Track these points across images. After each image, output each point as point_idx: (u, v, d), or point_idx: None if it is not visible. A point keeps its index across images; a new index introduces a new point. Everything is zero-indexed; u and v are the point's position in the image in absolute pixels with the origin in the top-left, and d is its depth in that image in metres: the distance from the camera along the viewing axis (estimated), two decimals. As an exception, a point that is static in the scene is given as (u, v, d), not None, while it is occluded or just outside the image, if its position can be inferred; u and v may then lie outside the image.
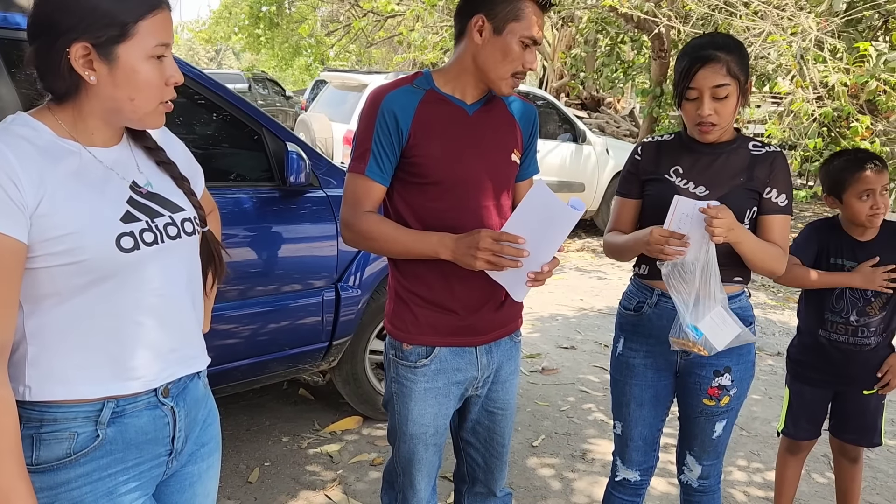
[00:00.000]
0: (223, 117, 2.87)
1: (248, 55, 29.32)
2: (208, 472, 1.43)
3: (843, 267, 2.38)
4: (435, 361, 1.75)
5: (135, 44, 1.16)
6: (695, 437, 2.07)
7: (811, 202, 11.70)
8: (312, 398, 3.75)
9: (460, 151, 1.69)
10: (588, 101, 15.38)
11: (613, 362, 2.14)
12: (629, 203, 2.07)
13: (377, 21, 14.95)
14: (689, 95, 1.85)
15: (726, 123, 1.87)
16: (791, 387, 2.57)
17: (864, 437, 2.50)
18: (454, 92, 1.72)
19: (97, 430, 1.19)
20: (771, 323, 5.56)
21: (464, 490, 2.04)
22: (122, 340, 1.21)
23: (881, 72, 4.89)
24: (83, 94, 1.17)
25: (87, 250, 1.14)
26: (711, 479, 2.12)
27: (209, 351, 1.41)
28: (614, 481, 2.21)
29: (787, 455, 2.63)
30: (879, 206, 2.30)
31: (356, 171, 1.69)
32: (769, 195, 1.91)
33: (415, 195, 1.71)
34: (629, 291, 2.11)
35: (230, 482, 2.88)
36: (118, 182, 1.22)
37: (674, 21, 7.95)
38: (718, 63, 1.80)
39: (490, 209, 1.74)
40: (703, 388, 1.99)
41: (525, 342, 4.82)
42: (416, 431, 1.79)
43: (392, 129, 1.65)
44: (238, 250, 2.74)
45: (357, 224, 1.69)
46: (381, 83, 1.80)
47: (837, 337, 2.40)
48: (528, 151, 1.88)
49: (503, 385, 1.88)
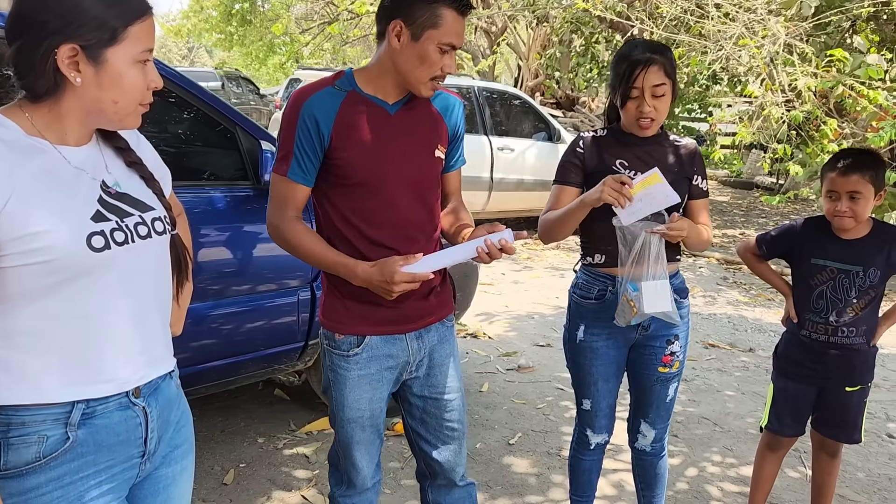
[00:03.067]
0: (197, 115, 2.84)
1: (221, 53, 29.04)
2: (182, 475, 1.41)
3: (826, 268, 2.36)
4: (366, 350, 1.82)
5: (123, 48, 1.16)
6: (650, 405, 2.30)
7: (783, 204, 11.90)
8: (288, 398, 3.72)
9: (383, 152, 1.73)
10: (563, 100, 15.47)
11: (574, 348, 2.29)
12: (570, 190, 2.20)
13: (351, 19, 14.89)
14: (632, 94, 2.05)
15: (663, 119, 2.11)
16: (776, 382, 2.57)
17: (844, 433, 2.51)
18: (376, 92, 1.75)
19: (67, 432, 1.17)
20: (743, 319, 5.64)
21: (426, 486, 2.08)
22: (92, 342, 1.19)
23: (847, 77, 4.97)
24: (63, 95, 1.16)
25: (57, 249, 1.12)
26: (661, 443, 2.38)
27: (183, 352, 1.40)
28: (587, 449, 2.39)
29: (766, 451, 2.64)
30: (844, 209, 2.26)
31: (280, 172, 1.75)
32: (696, 182, 2.21)
33: (340, 196, 1.76)
34: (584, 282, 2.25)
35: (205, 484, 2.85)
36: (88, 181, 1.21)
37: (647, 23, 8.01)
38: (656, 65, 2.02)
39: (416, 207, 1.81)
40: (658, 358, 2.23)
41: (501, 340, 4.84)
42: (352, 416, 1.86)
43: (313, 132, 1.69)
44: (212, 250, 2.71)
45: (283, 230, 1.76)
46: (304, 84, 1.82)
47: (818, 336, 2.40)
48: (455, 143, 1.93)
49: (440, 368, 1.93)
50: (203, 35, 22.25)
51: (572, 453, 2.46)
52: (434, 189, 1.87)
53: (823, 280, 2.38)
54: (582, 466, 2.44)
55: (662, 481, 2.45)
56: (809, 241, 2.42)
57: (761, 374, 4.42)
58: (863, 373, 2.44)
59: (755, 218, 10.81)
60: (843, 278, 2.34)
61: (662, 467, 2.43)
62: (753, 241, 2.60)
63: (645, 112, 2.05)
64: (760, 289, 6.57)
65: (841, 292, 2.35)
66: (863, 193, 2.26)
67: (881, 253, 2.33)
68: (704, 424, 3.65)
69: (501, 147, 7.95)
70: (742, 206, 11.92)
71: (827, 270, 2.36)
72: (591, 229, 2.17)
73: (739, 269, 7.37)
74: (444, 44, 1.66)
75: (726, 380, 4.32)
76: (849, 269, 2.34)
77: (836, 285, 2.35)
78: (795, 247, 2.46)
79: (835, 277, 2.35)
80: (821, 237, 2.40)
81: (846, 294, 2.34)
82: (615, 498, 2.94)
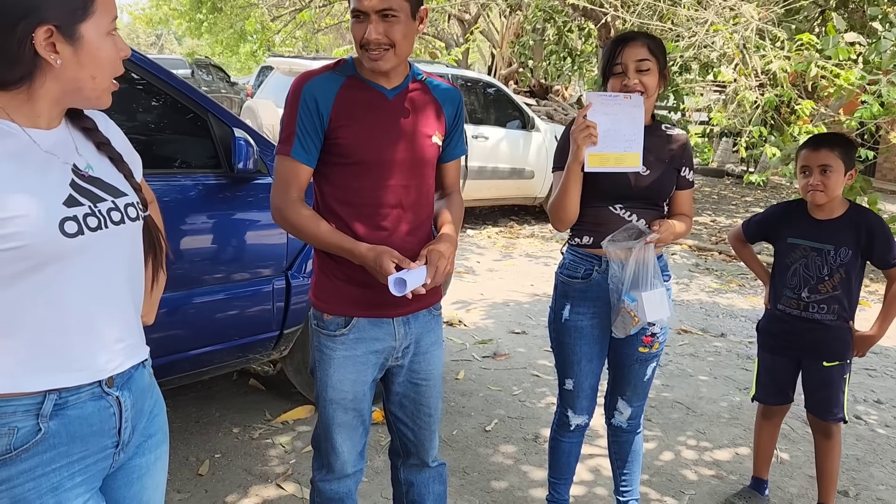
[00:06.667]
0: (167, 102, 2.79)
1: (191, 40, 28.61)
2: (156, 464, 1.40)
3: (799, 246, 2.50)
4: (353, 331, 1.86)
5: (95, 21, 1.15)
6: (628, 383, 2.37)
7: (754, 187, 12.05)
8: (263, 388, 3.70)
9: (379, 133, 1.78)
10: (536, 88, 15.47)
11: (559, 328, 2.32)
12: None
13: (323, 6, 14.76)
14: (615, 70, 2.11)
15: (651, 95, 2.12)
16: (759, 356, 2.73)
17: (827, 411, 2.59)
18: (375, 78, 1.79)
19: (39, 423, 1.15)
20: (715, 305, 5.71)
21: (399, 464, 2.13)
22: (65, 330, 1.16)
23: (820, 58, 5.04)
24: (39, 78, 1.14)
25: (28, 235, 1.09)
26: (637, 420, 2.45)
27: (156, 342, 1.38)
28: (568, 430, 2.43)
29: (762, 420, 2.81)
30: (816, 183, 2.41)
31: (283, 153, 1.78)
32: (684, 173, 2.27)
33: (337, 174, 1.81)
34: (571, 262, 2.29)
35: (180, 475, 2.82)
36: (59, 165, 1.18)
37: (620, 11, 8.04)
38: (639, 42, 2.10)
39: (409, 188, 1.84)
40: (639, 338, 2.27)
41: (477, 328, 4.85)
42: (335, 397, 1.89)
43: (314, 112, 1.74)
44: (185, 239, 2.68)
45: (288, 213, 1.79)
46: (305, 70, 1.88)
47: (791, 311, 2.54)
48: (454, 133, 1.96)
49: (424, 356, 1.97)
50: (172, 22, 21.89)
51: (552, 435, 2.50)
52: (429, 172, 1.90)
53: (797, 258, 2.52)
54: (561, 448, 2.47)
55: (638, 458, 2.51)
56: (787, 222, 2.57)
57: (733, 359, 4.49)
58: (837, 348, 2.53)
59: (725, 205, 10.94)
60: (815, 256, 2.48)
61: (638, 444, 2.49)
62: (740, 228, 2.76)
63: (629, 85, 2.08)
64: (732, 275, 6.65)
65: (813, 269, 2.48)
66: (833, 167, 2.40)
67: (853, 234, 2.45)
68: (678, 409, 3.69)
69: (476, 135, 7.94)
70: (713, 193, 12.05)
71: (800, 248, 2.50)
72: (581, 212, 2.19)
73: (711, 256, 7.46)
74: (352, 11, 1.71)
75: (699, 364, 4.37)
76: (821, 248, 2.47)
77: (808, 263, 2.49)
78: (775, 228, 2.61)
79: (807, 255, 2.49)
80: (797, 218, 2.55)
81: (818, 271, 2.47)
82: (592, 483, 2.96)
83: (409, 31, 1.72)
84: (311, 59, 8.47)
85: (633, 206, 2.18)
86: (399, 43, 1.70)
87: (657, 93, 2.16)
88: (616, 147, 2.04)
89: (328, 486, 1.99)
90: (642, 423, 2.49)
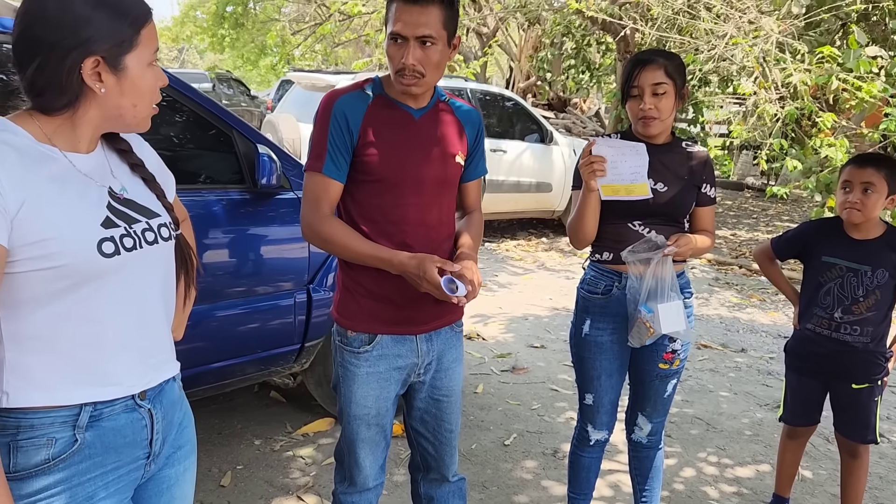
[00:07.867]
0: (193, 119, 2.84)
1: (212, 55, 28.98)
2: (185, 475, 1.43)
3: (835, 266, 2.46)
4: (377, 348, 1.87)
5: (139, 53, 1.20)
6: (648, 399, 2.37)
7: (774, 201, 11.96)
8: (284, 400, 3.73)
9: (405, 152, 1.80)
10: (555, 101, 15.51)
11: (580, 342, 2.34)
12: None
13: (343, 21, 14.89)
14: (633, 93, 2.14)
15: (666, 118, 2.15)
16: (786, 376, 2.70)
17: (856, 432, 2.56)
18: (402, 98, 1.82)
19: (75, 434, 1.18)
20: (735, 320, 5.67)
21: (419, 478, 2.15)
22: (100, 345, 1.20)
23: (841, 71, 5.01)
24: (83, 105, 1.19)
25: (68, 255, 1.13)
26: (658, 436, 2.45)
27: (181, 354, 1.42)
28: (587, 446, 2.44)
29: (786, 440, 2.78)
30: (855, 201, 2.37)
31: (313, 169, 1.79)
32: (705, 189, 2.26)
33: (361, 191, 1.83)
34: (592, 277, 2.32)
35: (203, 486, 2.85)
36: (97, 188, 1.22)
37: (639, 24, 8.05)
38: (657, 65, 2.11)
39: (431, 206, 1.86)
40: (659, 355, 2.28)
41: (496, 342, 4.85)
42: (358, 412, 1.90)
43: (344, 129, 1.77)
44: (209, 253, 2.72)
45: (319, 227, 1.79)
46: (336, 87, 1.91)
47: (821, 331, 2.50)
48: (475, 154, 1.99)
49: (446, 373, 1.99)
50: (194, 38, 22.24)
51: (572, 450, 2.50)
52: (451, 192, 1.93)
53: (832, 277, 2.47)
54: (581, 463, 2.48)
55: (658, 474, 2.51)
56: (822, 240, 2.52)
57: (753, 375, 4.45)
58: (866, 371, 2.48)
59: (745, 219, 10.87)
60: (851, 277, 2.43)
61: (659, 460, 2.50)
62: (768, 244, 2.70)
63: (644, 110, 2.11)
64: (752, 290, 6.61)
65: (848, 290, 2.44)
66: (875, 186, 2.36)
67: (892, 255, 2.41)
68: (698, 425, 3.68)
69: (494, 149, 7.96)
70: (732, 207, 11.99)
71: (836, 268, 2.46)
72: (601, 229, 2.23)
73: (731, 270, 7.41)
74: (391, 34, 1.72)
75: (719, 380, 4.35)
76: (857, 269, 2.43)
77: (844, 283, 2.45)
78: (808, 245, 2.56)
79: (843, 275, 2.45)
80: (833, 236, 2.50)
81: (853, 292, 2.43)
82: (612, 499, 2.96)
83: (443, 59, 1.75)
84: (331, 74, 8.55)
85: (651, 222, 2.20)
86: (433, 70, 1.74)
87: (674, 111, 2.18)
88: (623, 179, 2.09)
89: (350, 498, 2.02)
90: (663, 439, 2.50)
